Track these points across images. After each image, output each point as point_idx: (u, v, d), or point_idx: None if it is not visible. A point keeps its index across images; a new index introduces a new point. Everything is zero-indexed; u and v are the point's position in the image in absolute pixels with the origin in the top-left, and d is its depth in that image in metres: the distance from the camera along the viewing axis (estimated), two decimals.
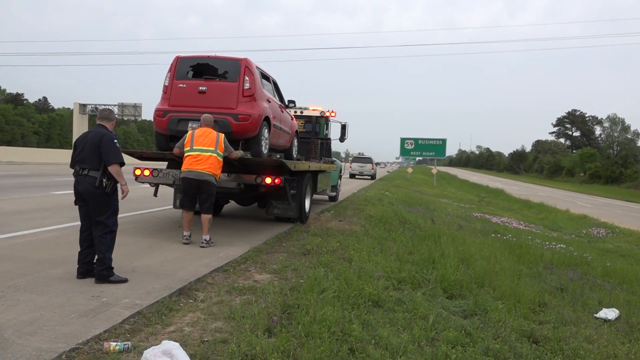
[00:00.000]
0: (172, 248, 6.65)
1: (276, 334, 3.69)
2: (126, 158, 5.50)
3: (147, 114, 57.87)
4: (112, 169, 4.86)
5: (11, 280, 4.69)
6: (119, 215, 8.75)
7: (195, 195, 7.06)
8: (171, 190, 9.30)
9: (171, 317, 4.03)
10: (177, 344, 3.22)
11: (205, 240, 6.94)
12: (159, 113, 7.78)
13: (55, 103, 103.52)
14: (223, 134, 7.19)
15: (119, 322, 3.78)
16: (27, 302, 4.11)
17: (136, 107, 53.14)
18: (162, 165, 8.64)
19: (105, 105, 56.13)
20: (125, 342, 3.36)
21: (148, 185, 8.58)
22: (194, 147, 6.93)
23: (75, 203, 5.02)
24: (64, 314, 3.88)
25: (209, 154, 6.90)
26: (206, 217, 7.00)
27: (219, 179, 7.22)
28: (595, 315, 5.52)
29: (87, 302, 4.19)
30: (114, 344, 3.31)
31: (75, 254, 5.90)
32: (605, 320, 5.36)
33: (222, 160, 7.09)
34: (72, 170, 4.98)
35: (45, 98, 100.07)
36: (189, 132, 7.06)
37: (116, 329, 3.67)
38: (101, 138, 4.91)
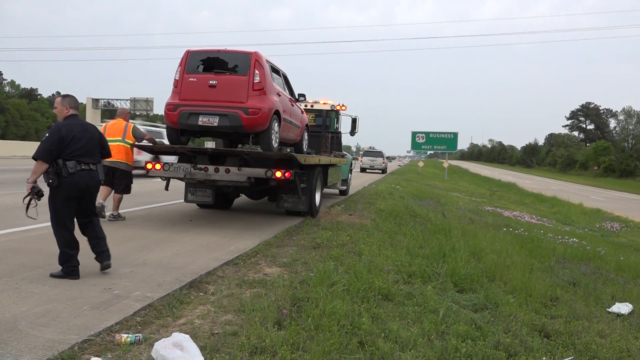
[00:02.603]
0: (183, 241, 6.70)
1: (286, 327, 3.70)
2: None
3: (159, 109, 58.20)
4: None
5: (25, 272, 4.76)
6: (132, 209, 8.85)
7: (111, 180, 7.96)
8: (182, 184, 9.36)
9: (182, 310, 4.06)
10: (188, 336, 3.25)
11: (112, 214, 7.95)
12: (169, 107, 7.81)
13: None
14: (132, 124, 8.24)
15: (131, 315, 3.82)
16: (40, 294, 4.16)
17: (148, 102, 53.41)
18: (174, 159, 8.70)
19: (117, 100, 56.57)
20: (137, 334, 3.39)
21: (159, 179, 8.64)
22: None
23: (75, 200, 4.78)
24: (77, 306, 3.92)
25: (117, 143, 7.87)
26: (116, 196, 8.07)
27: (132, 163, 8.18)
28: (608, 309, 5.47)
29: (99, 295, 4.24)
30: (125, 335, 3.34)
31: (87, 246, 5.97)
32: (618, 315, 5.30)
33: (130, 147, 8.09)
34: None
35: (58, 93, 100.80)
36: (103, 125, 7.88)
37: (127, 321, 3.71)
38: (100, 133, 5.01)
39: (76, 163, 4.70)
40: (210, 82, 7.70)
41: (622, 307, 5.46)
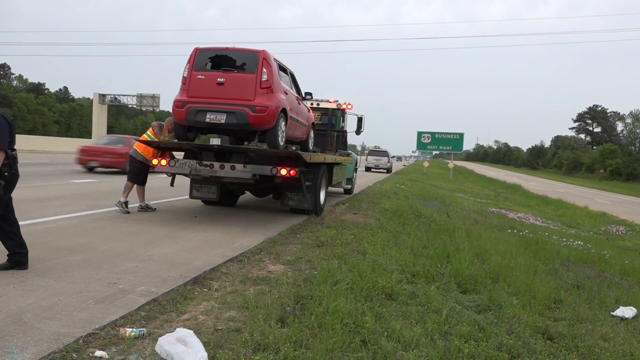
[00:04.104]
0: (187, 237, 6.72)
1: (289, 324, 3.71)
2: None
3: (165, 105, 58.34)
4: None
5: (31, 265, 4.78)
6: (137, 204, 8.88)
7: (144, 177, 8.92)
8: (187, 180, 9.39)
9: (186, 305, 4.08)
10: (191, 331, 3.27)
11: (120, 201, 8.38)
12: (177, 104, 7.84)
13: (76, 93, 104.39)
14: (155, 124, 9.17)
15: (135, 309, 3.84)
16: (46, 288, 4.19)
17: (154, 98, 53.57)
18: (179, 155, 8.72)
19: (124, 95, 56.71)
20: (141, 329, 3.41)
21: (165, 175, 8.67)
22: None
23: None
24: (82, 300, 3.95)
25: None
26: (128, 184, 8.64)
27: (140, 152, 8.68)
28: (612, 313, 5.45)
29: (104, 289, 4.26)
30: (129, 330, 3.36)
31: (93, 241, 6.02)
32: (623, 319, 5.28)
33: (146, 137, 8.86)
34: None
35: (66, 88, 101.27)
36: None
37: (132, 316, 3.73)
38: None
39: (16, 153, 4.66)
40: (218, 79, 7.72)
41: (627, 311, 5.44)
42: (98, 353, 3.07)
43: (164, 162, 7.99)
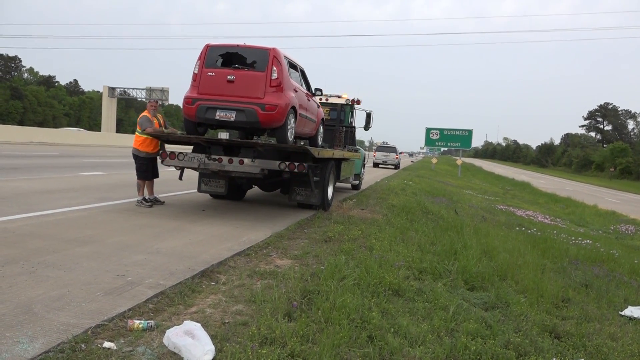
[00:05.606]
0: (196, 231, 6.75)
1: (296, 319, 3.72)
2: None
3: (174, 98, 58.54)
4: None
5: (41, 257, 4.84)
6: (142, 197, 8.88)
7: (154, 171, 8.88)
8: (196, 174, 9.42)
9: (193, 298, 4.10)
10: (199, 324, 3.29)
11: (138, 199, 8.52)
12: (188, 101, 7.86)
13: (86, 86, 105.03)
14: (142, 115, 8.70)
15: (143, 301, 3.87)
16: (55, 279, 4.23)
17: (164, 92, 53.80)
18: (188, 149, 8.75)
19: (133, 89, 56.98)
20: (149, 321, 3.44)
21: (174, 169, 8.71)
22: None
23: None
24: (91, 291, 3.98)
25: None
26: (137, 183, 8.67)
27: (140, 150, 8.59)
28: (620, 312, 5.42)
29: (112, 281, 4.29)
30: (137, 322, 3.39)
31: (102, 233, 6.05)
32: (631, 318, 5.25)
33: (140, 135, 8.59)
34: (101, 152, 4.98)
35: (76, 81, 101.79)
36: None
37: (140, 308, 3.75)
38: None
39: None
40: (229, 77, 7.72)
41: (635, 311, 5.41)
42: (106, 344, 3.10)
43: (172, 155, 8.03)
